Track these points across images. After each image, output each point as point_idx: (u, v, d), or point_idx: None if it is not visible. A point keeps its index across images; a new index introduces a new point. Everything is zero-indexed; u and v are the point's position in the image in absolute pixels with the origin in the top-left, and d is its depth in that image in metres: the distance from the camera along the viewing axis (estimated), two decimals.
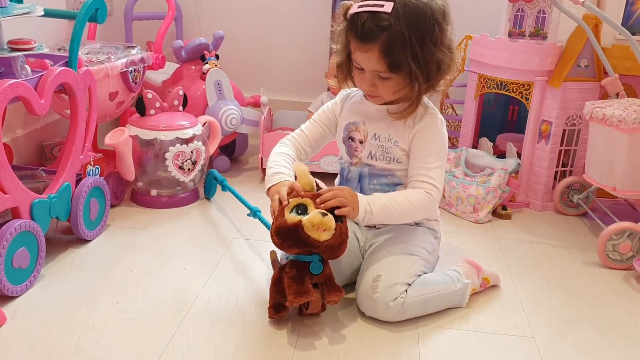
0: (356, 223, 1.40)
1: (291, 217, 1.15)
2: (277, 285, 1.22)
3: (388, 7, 1.16)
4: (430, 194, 1.27)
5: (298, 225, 1.13)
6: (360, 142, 1.35)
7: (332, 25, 1.34)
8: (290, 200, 1.17)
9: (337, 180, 1.45)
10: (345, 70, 1.31)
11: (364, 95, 1.36)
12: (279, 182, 1.25)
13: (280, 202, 1.18)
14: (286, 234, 1.14)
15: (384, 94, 1.27)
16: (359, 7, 1.20)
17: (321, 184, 1.29)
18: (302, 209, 1.16)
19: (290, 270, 1.18)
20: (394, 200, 1.25)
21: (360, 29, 1.19)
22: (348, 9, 1.24)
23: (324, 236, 1.13)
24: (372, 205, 1.23)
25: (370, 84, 1.25)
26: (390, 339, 1.21)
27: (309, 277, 1.17)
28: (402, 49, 1.17)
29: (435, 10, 1.20)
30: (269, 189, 1.26)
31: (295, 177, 1.24)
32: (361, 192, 1.34)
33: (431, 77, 1.23)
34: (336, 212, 1.17)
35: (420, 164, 1.29)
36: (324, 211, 1.14)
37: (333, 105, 1.41)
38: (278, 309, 1.22)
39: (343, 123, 1.37)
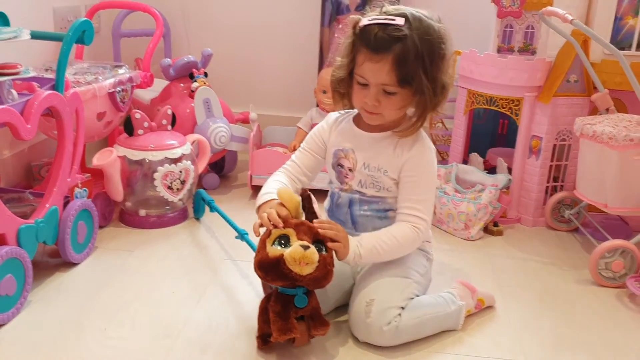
0: None
1: (273, 250, 1.12)
2: (263, 316, 1.19)
3: (400, 21, 1.17)
4: (417, 227, 1.27)
5: (280, 259, 1.10)
6: (350, 170, 1.33)
7: (320, 39, 1.33)
8: (272, 231, 1.14)
9: (326, 203, 1.42)
10: (345, 86, 1.28)
11: (353, 119, 1.34)
12: (266, 202, 1.24)
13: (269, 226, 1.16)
14: (268, 268, 1.12)
15: (387, 110, 1.24)
16: (370, 20, 1.20)
17: (314, 202, 1.24)
18: (284, 240, 1.13)
19: (274, 305, 1.16)
20: (382, 241, 1.25)
21: (373, 39, 1.18)
22: (357, 22, 1.22)
23: (306, 270, 1.10)
24: (360, 248, 1.22)
25: (374, 99, 1.22)
26: None
27: (294, 311, 1.15)
28: (415, 62, 1.17)
29: (440, 30, 1.21)
30: (258, 208, 1.25)
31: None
32: (351, 217, 1.34)
33: (437, 95, 1.23)
34: (329, 244, 1.16)
35: (408, 195, 1.28)
36: (305, 244, 1.11)
37: (321, 131, 1.38)
38: (266, 340, 1.20)
39: (332, 149, 1.36)
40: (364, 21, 1.21)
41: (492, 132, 2.25)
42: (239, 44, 2.42)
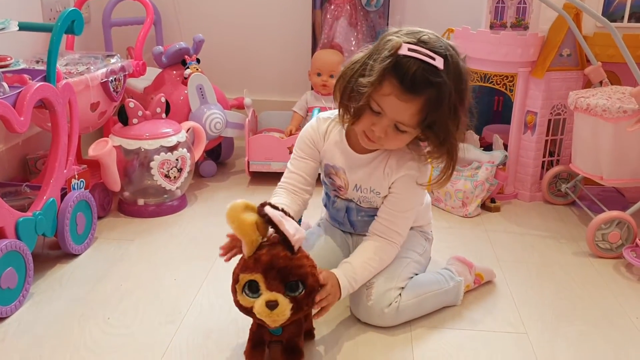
0: (344, 231, 1.40)
1: (243, 298, 1.04)
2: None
3: (440, 63, 1.07)
4: (396, 244, 1.27)
5: (250, 311, 1.04)
6: (342, 187, 1.30)
7: (313, 21, 1.26)
8: (240, 276, 1.05)
9: (322, 196, 1.41)
10: (356, 109, 1.14)
11: (346, 133, 1.26)
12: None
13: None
14: (243, 312, 1.07)
15: (389, 144, 1.17)
16: (410, 50, 1.07)
17: (287, 223, 1.04)
18: (254, 287, 1.03)
19: (253, 323, 1.12)
20: (371, 267, 1.23)
21: (409, 76, 1.06)
22: (397, 48, 1.08)
23: (277, 323, 1.03)
24: (355, 283, 1.21)
25: (383, 132, 1.13)
26: (385, 342, 1.21)
27: (269, 335, 1.11)
28: (445, 111, 1.09)
29: (468, 72, 1.14)
30: None
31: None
32: (349, 219, 1.34)
33: (460, 139, 1.17)
34: (315, 317, 1.14)
35: (391, 208, 1.25)
36: (273, 299, 1.01)
37: (313, 136, 1.28)
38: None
39: (323, 161, 1.30)
40: (404, 49, 1.07)
41: (487, 109, 2.25)
42: (230, 28, 2.41)
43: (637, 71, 1.54)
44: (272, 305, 1.01)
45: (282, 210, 1.05)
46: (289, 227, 1.03)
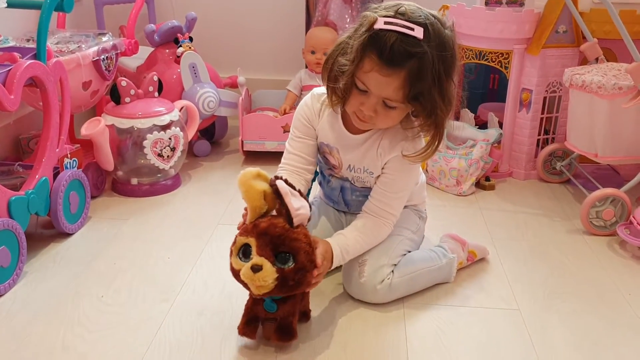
0: (338, 210, 1.41)
1: (236, 261, 1.06)
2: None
3: (419, 33, 1.04)
4: (390, 223, 1.27)
5: (238, 274, 1.05)
6: (335, 167, 1.30)
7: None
8: (237, 238, 1.07)
9: (317, 178, 1.41)
10: (343, 91, 1.14)
11: (341, 116, 1.24)
12: None
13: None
14: (234, 277, 1.07)
15: (381, 122, 1.15)
16: (386, 23, 1.06)
17: (289, 194, 1.05)
18: (248, 251, 1.05)
19: (249, 297, 1.13)
20: (363, 242, 1.23)
21: (388, 50, 1.04)
22: (373, 22, 1.07)
23: (261, 290, 1.03)
24: (347, 255, 1.21)
25: (372, 110, 1.12)
26: (377, 319, 1.22)
27: (264, 312, 1.11)
28: (429, 81, 1.07)
29: (454, 41, 1.11)
30: None
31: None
32: (343, 198, 1.35)
33: (448, 111, 1.14)
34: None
35: (384, 190, 1.24)
36: (259, 263, 1.01)
37: (308, 114, 1.27)
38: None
39: (318, 139, 1.29)
40: (380, 23, 1.06)
41: (483, 87, 2.24)
42: (223, 6, 2.38)
43: (634, 48, 1.53)
44: (256, 268, 1.01)
45: (299, 192, 1.07)
46: (295, 201, 1.05)
